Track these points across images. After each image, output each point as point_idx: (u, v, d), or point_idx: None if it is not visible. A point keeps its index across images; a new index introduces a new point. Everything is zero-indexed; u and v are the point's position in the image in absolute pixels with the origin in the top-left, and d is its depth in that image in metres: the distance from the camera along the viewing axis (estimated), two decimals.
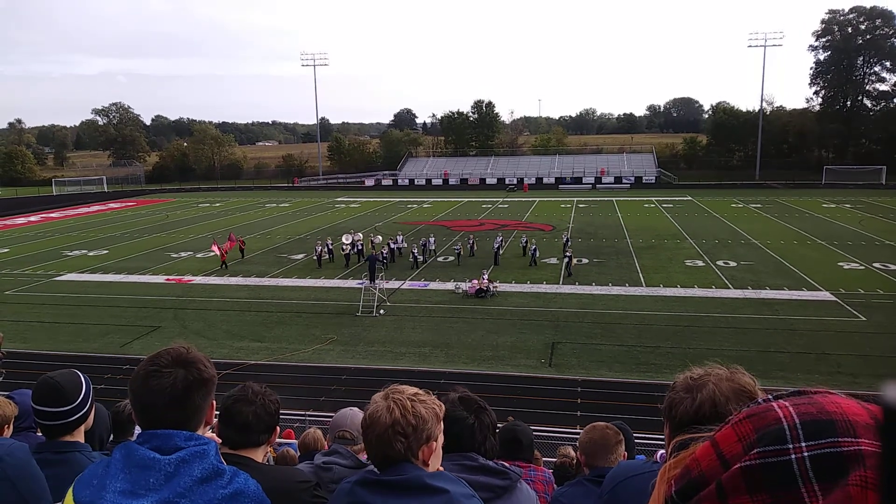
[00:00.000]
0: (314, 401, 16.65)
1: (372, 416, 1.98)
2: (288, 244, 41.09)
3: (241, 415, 2.46)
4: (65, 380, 2.75)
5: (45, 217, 60.86)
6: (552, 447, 9.78)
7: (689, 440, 1.09)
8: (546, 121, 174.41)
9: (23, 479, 2.29)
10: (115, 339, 22.46)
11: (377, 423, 1.96)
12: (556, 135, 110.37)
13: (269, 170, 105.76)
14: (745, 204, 57.92)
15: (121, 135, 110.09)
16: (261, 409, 2.50)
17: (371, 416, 1.99)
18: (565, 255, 31.68)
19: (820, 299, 25.35)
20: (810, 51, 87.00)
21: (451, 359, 19.88)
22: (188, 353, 1.90)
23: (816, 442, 0.75)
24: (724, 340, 20.79)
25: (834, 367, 18.32)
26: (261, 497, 1.79)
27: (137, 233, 48.07)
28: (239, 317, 24.92)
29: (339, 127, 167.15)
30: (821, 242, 37.55)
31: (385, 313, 24.68)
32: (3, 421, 2.96)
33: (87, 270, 34.19)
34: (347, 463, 3.00)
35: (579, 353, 20.14)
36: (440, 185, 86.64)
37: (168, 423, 1.80)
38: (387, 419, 1.95)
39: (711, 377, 1.58)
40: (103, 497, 1.67)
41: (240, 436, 2.45)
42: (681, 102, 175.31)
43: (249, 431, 2.46)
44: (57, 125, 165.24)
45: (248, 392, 2.55)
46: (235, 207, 65.10)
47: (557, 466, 6.32)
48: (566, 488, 3.43)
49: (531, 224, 48.23)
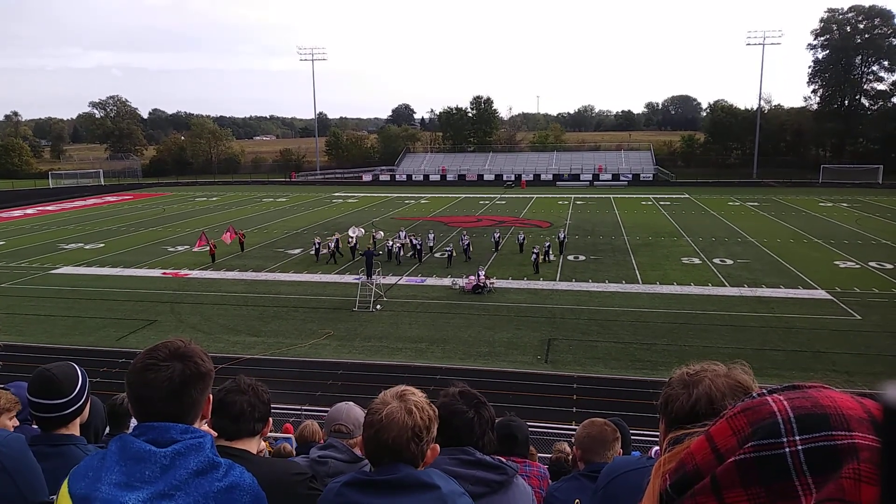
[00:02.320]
0: (310, 395, 16.67)
1: (389, 416, 1.97)
2: (285, 239, 41.04)
3: (235, 404, 2.47)
4: (61, 372, 2.74)
5: (41, 210, 60.68)
6: (548, 443, 9.81)
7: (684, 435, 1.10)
8: (544, 117, 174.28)
9: (19, 471, 2.29)
10: (111, 333, 22.43)
11: (394, 425, 1.96)
12: (554, 131, 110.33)
13: (266, 164, 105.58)
14: (743, 202, 57.99)
15: (118, 128, 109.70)
16: (254, 398, 2.52)
17: (388, 416, 1.97)
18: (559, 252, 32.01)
19: (816, 298, 25.43)
20: (809, 49, 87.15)
21: (447, 354, 19.90)
22: (185, 347, 1.90)
23: (810, 435, 0.75)
24: (720, 338, 20.85)
25: (829, 366, 18.39)
26: (256, 490, 1.79)
27: (134, 226, 47.97)
28: (235, 311, 24.91)
29: (337, 122, 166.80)
30: (817, 241, 37.63)
31: (382, 309, 24.69)
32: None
33: (84, 264, 34.11)
34: (343, 457, 3.00)
35: (575, 349, 20.18)
36: (438, 180, 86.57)
37: (164, 415, 1.80)
38: (406, 421, 1.96)
39: (708, 373, 1.58)
40: (98, 489, 1.67)
41: (234, 425, 2.46)
42: (679, 100, 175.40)
43: (244, 420, 2.47)
44: (54, 118, 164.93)
45: (241, 383, 2.58)
46: (232, 202, 64.98)
47: (553, 462, 6.33)
48: (561, 483, 3.44)
49: (528, 220, 48.24)
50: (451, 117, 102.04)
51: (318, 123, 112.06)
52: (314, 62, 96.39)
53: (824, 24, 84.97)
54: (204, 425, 2.05)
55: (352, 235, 33.99)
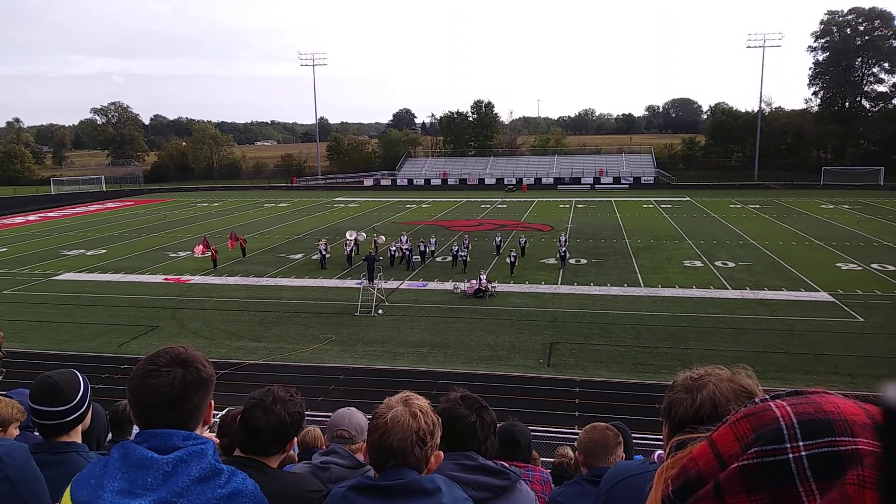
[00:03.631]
0: (312, 400, 16.63)
1: (394, 419, 1.98)
2: (286, 244, 41.06)
3: (254, 420, 2.41)
4: (63, 379, 2.74)
5: (43, 216, 60.78)
6: (550, 447, 9.78)
7: (688, 441, 1.09)
8: (545, 121, 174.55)
9: (22, 480, 2.29)
10: (112, 339, 22.43)
11: (400, 429, 1.96)
12: (555, 135, 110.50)
13: (267, 169, 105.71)
14: (744, 205, 57.96)
15: (119, 134, 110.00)
16: (275, 418, 2.41)
17: (393, 419, 1.98)
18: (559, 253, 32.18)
19: (818, 300, 25.38)
20: (809, 52, 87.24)
21: (449, 359, 19.87)
22: (187, 353, 1.89)
23: (814, 441, 0.75)
24: (723, 341, 20.81)
25: (832, 368, 18.34)
26: (259, 497, 1.79)
27: (136, 232, 48.03)
28: (237, 316, 24.90)
29: (338, 127, 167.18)
30: (819, 243, 37.59)
31: (383, 313, 24.67)
32: (3, 422, 2.95)
33: (85, 270, 34.15)
34: (345, 463, 2.99)
35: (577, 353, 20.14)
36: (439, 185, 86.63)
37: (166, 422, 1.80)
38: (411, 426, 1.97)
39: (712, 377, 1.57)
40: (101, 497, 1.67)
41: (250, 441, 2.41)
42: (679, 103, 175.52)
43: (259, 440, 2.40)
44: (55, 124, 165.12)
45: (269, 398, 2.47)
46: (234, 207, 65.06)
47: (555, 466, 6.31)
48: (564, 488, 3.43)
49: (529, 224, 48.25)
50: (452, 121, 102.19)
51: (320, 128, 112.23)
52: (315, 67, 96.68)
53: (824, 27, 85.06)
54: (206, 431, 2.05)
55: (349, 238, 34.03)
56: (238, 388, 15.70)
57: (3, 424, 2.99)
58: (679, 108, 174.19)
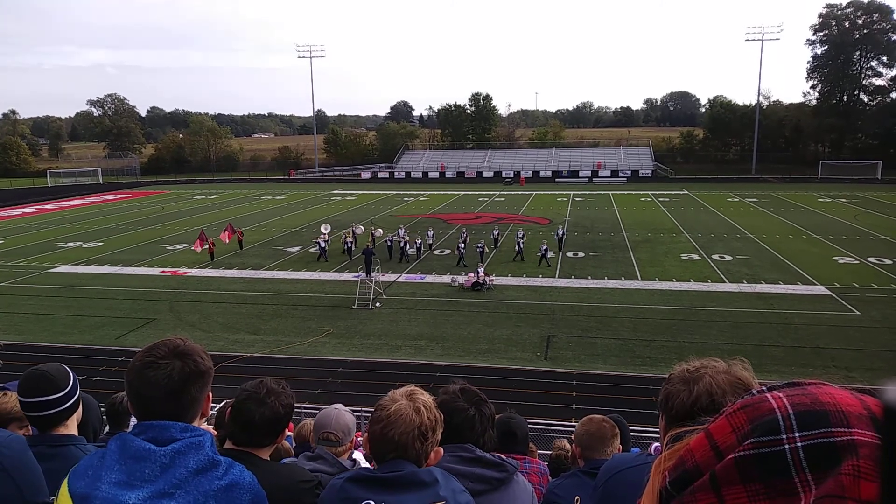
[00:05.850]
0: (310, 393, 16.65)
1: (397, 412, 1.99)
2: (284, 237, 41.02)
3: (247, 412, 2.41)
4: (52, 368, 2.73)
5: (39, 209, 60.61)
6: (547, 440, 9.81)
7: (684, 433, 1.10)
8: (543, 114, 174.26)
9: (20, 471, 2.28)
10: (110, 332, 22.42)
11: (402, 422, 1.98)
12: (553, 128, 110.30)
13: (264, 162, 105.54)
14: (741, 198, 58.00)
15: (116, 126, 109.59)
16: (269, 410, 2.42)
17: (396, 412, 2.00)
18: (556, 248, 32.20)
19: (815, 293, 25.45)
20: (807, 45, 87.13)
21: (446, 352, 19.91)
22: (185, 345, 1.89)
23: (810, 432, 0.75)
24: (720, 334, 20.87)
25: (828, 361, 18.41)
26: (256, 489, 1.79)
27: (132, 225, 47.93)
28: (234, 309, 24.90)
29: (336, 119, 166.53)
30: (816, 237, 37.65)
31: (381, 306, 24.69)
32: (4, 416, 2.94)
33: (82, 262, 34.09)
34: (332, 470, 2.90)
35: (575, 346, 20.19)
36: (437, 178, 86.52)
37: (164, 414, 1.80)
38: (414, 420, 1.98)
39: (708, 370, 1.58)
40: (98, 488, 1.67)
41: (242, 434, 2.41)
42: (678, 96, 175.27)
43: (252, 432, 2.41)
44: (52, 116, 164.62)
45: (262, 391, 2.47)
46: (231, 200, 64.93)
47: (553, 459, 6.34)
48: (561, 480, 3.45)
49: (527, 217, 48.25)
50: (449, 114, 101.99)
51: (317, 121, 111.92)
52: (312, 59, 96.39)
53: (823, 20, 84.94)
54: (204, 423, 2.05)
55: (324, 232, 33.87)
56: (235, 380, 15.67)
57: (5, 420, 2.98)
58: (677, 101, 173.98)
